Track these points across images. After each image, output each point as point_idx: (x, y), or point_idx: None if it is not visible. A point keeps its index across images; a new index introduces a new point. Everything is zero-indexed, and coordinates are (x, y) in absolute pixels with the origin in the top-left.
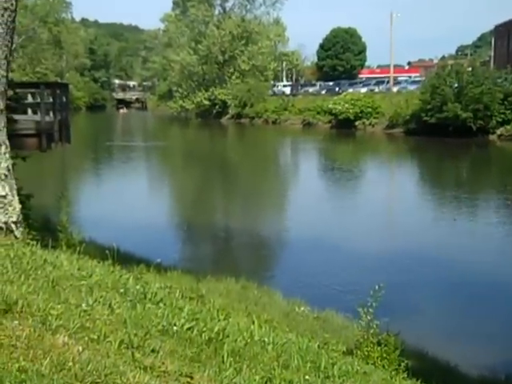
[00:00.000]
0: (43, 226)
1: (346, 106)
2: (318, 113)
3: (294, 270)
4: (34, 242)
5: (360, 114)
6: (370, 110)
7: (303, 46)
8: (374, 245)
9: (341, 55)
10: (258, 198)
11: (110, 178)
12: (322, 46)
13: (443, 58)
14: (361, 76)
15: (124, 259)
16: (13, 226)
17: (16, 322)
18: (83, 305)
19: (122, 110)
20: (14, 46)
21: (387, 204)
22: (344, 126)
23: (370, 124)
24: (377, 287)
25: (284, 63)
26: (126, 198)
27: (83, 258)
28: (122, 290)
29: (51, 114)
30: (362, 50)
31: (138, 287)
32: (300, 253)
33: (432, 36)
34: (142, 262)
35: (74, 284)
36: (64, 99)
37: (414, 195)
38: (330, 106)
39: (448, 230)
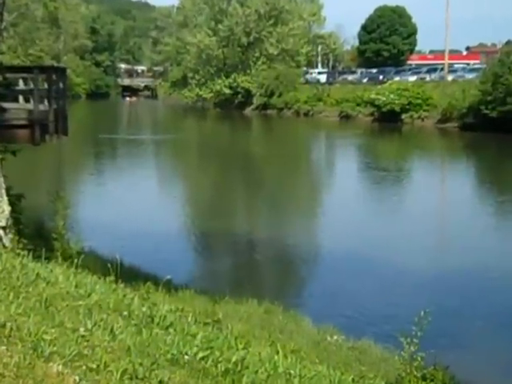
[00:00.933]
0: (36, 233)
1: (392, 96)
2: (358, 104)
3: (326, 292)
4: (25, 253)
5: (407, 106)
6: (419, 101)
7: (342, 28)
8: (420, 262)
9: (386, 38)
10: (285, 203)
11: (114, 176)
12: (364, 28)
13: (508, 42)
14: (409, 62)
15: (128, 275)
16: (1, 232)
17: (4, 347)
18: (81, 329)
19: (128, 99)
20: (3, 24)
21: (438, 212)
22: (388, 120)
23: (418, 117)
24: (422, 313)
25: (319, 47)
26: (131, 201)
27: (81, 272)
28: (125, 313)
29: (46, 102)
30: (411, 33)
31: (144, 309)
32: (333, 271)
33: (496, 16)
34: (150, 279)
35: (71, 304)
36: (61, 85)
37: (470, 202)
38: (373, 96)
39: None
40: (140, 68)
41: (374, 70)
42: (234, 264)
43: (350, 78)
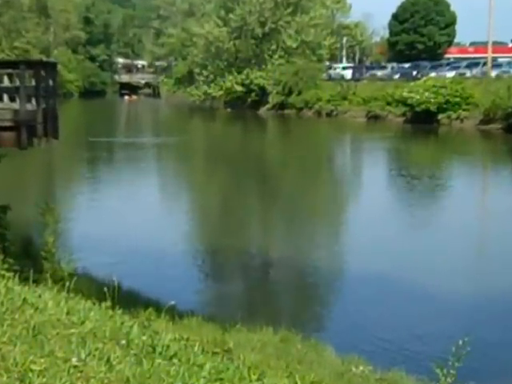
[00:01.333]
0: (23, 251)
1: (427, 94)
2: (389, 103)
3: (351, 318)
4: (11, 274)
5: (445, 105)
6: (458, 99)
7: (370, 17)
8: (457, 284)
9: (421, 29)
10: (305, 217)
11: (110, 186)
12: (395, 17)
13: None
14: (447, 56)
15: (127, 299)
16: None
17: None
18: (73, 359)
19: (127, 98)
20: None
21: (478, 227)
22: (422, 121)
23: (457, 118)
24: (460, 342)
25: (344, 39)
26: (130, 215)
27: (74, 297)
28: (123, 342)
29: (33, 101)
30: (449, 23)
31: (144, 338)
32: (359, 294)
33: None
34: (151, 305)
35: (62, 332)
36: (50, 83)
37: None
38: (405, 94)
39: None
40: (140, 63)
41: (407, 65)
42: (247, 287)
43: (379, 73)
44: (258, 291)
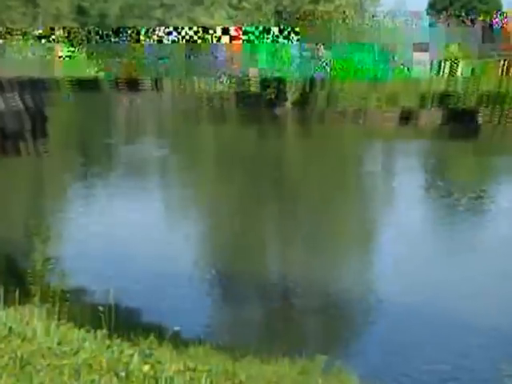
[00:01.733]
0: (8, 273)
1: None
2: (423, 98)
3: (381, 347)
4: None
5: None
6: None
7: (403, 5)
8: (501, 314)
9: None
10: (330, 237)
11: (106, 198)
12: (432, 5)
13: None
14: None
15: (126, 326)
16: None
17: None
18: None
19: (125, 96)
20: None
21: None
22: (460, 119)
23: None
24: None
25: None
26: (129, 230)
27: (66, 324)
28: (122, 373)
29: (19, 101)
30: (495, 10)
31: (145, 369)
32: (388, 322)
33: None
34: (153, 331)
35: (53, 363)
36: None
37: None
38: (443, 87)
39: None
40: None
41: None
42: (262, 312)
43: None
44: (275, 317)
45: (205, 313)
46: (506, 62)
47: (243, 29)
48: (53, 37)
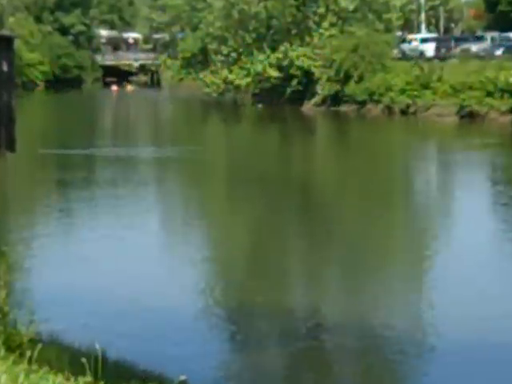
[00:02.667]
0: None
1: None
2: (490, 93)
3: None
4: None
5: None
6: None
7: None
8: None
9: None
10: (369, 265)
11: (88, 219)
12: None
13: None
14: None
15: (116, 374)
16: None
17: None
18: None
19: (114, 88)
20: None
21: None
22: None
23: None
24: None
25: None
26: (118, 259)
27: (38, 370)
28: None
29: None
30: None
31: None
32: (444, 366)
33: None
34: (151, 380)
35: None
36: (4, 67)
37: None
38: None
39: None
40: (132, 36)
41: None
42: (284, 357)
43: (475, 48)
44: (298, 364)
45: (214, 358)
46: None
47: None
48: None
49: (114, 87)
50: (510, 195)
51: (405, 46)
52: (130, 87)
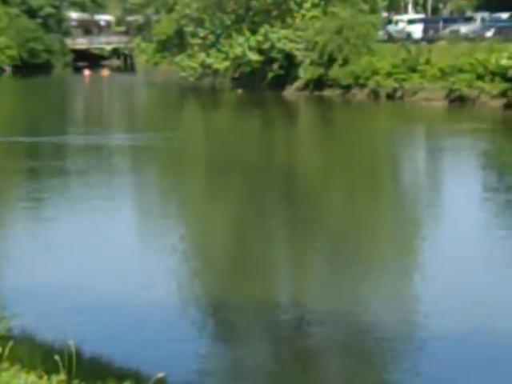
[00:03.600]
0: None
1: None
2: (480, 77)
3: None
4: None
5: None
6: None
7: None
8: None
9: None
10: (356, 258)
11: (61, 210)
12: None
13: None
14: None
15: (91, 371)
16: None
17: None
18: None
19: (86, 73)
20: None
21: None
22: None
23: None
24: None
25: None
26: (93, 251)
27: (9, 368)
28: None
29: None
30: None
31: None
32: (438, 364)
33: None
34: (128, 378)
35: None
36: None
37: None
38: (504, 62)
39: None
40: (104, 18)
41: (505, 15)
42: (269, 354)
43: (464, 29)
44: (283, 360)
45: (195, 355)
46: None
47: None
48: None
49: (87, 72)
50: (500, 182)
51: (391, 28)
52: (106, 72)
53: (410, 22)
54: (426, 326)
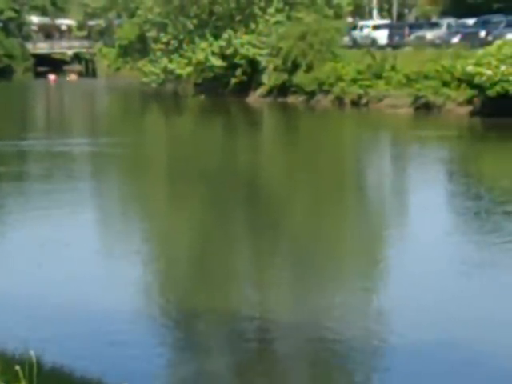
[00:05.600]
0: None
1: (503, 68)
2: (446, 83)
3: None
4: None
5: None
6: None
7: None
8: None
9: None
10: (320, 264)
11: (18, 217)
12: None
13: None
14: None
15: (53, 381)
16: None
17: None
18: None
19: (52, 77)
20: None
21: None
22: (498, 111)
23: None
24: None
25: None
26: (49, 257)
27: None
28: None
29: None
30: None
31: None
32: (403, 369)
33: None
34: None
35: None
36: None
37: None
38: (470, 68)
39: None
40: (65, 23)
41: (471, 21)
42: (229, 359)
43: (430, 35)
44: (250, 369)
45: (159, 365)
46: None
47: None
48: None
49: (52, 76)
50: (465, 188)
51: (356, 34)
52: (73, 76)
53: (376, 27)
54: (386, 337)
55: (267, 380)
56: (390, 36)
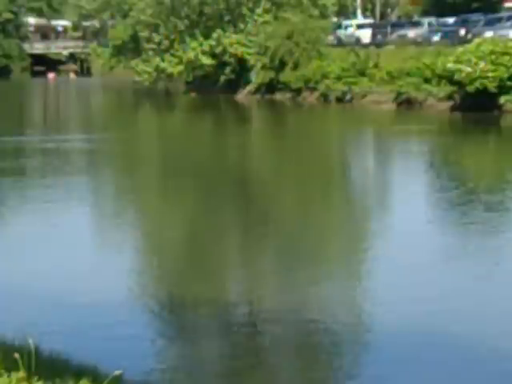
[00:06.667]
0: None
1: (482, 65)
2: (427, 80)
3: None
4: None
5: (510, 83)
6: None
7: None
8: None
9: None
10: (309, 258)
11: (15, 212)
12: None
13: None
14: (509, 5)
15: (50, 369)
16: None
17: None
18: None
19: (50, 76)
20: None
21: None
22: (477, 106)
23: None
24: None
25: None
26: (50, 251)
27: None
28: None
29: None
30: None
31: None
32: (386, 359)
33: None
34: (85, 375)
35: None
36: None
37: None
38: (450, 65)
39: None
40: (61, 24)
41: (451, 20)
42: (220, 348)
43: (412, 33)
44: (240, 357)
45: (151, 352)
46: None
47: None
48: None
49: (51, 75)
50: (445, 182)
51: (340, 33)
52: (72, 75)
53: (359, 26)
54: (373, 326)
55: (260, 368)
56: (373, 35)
